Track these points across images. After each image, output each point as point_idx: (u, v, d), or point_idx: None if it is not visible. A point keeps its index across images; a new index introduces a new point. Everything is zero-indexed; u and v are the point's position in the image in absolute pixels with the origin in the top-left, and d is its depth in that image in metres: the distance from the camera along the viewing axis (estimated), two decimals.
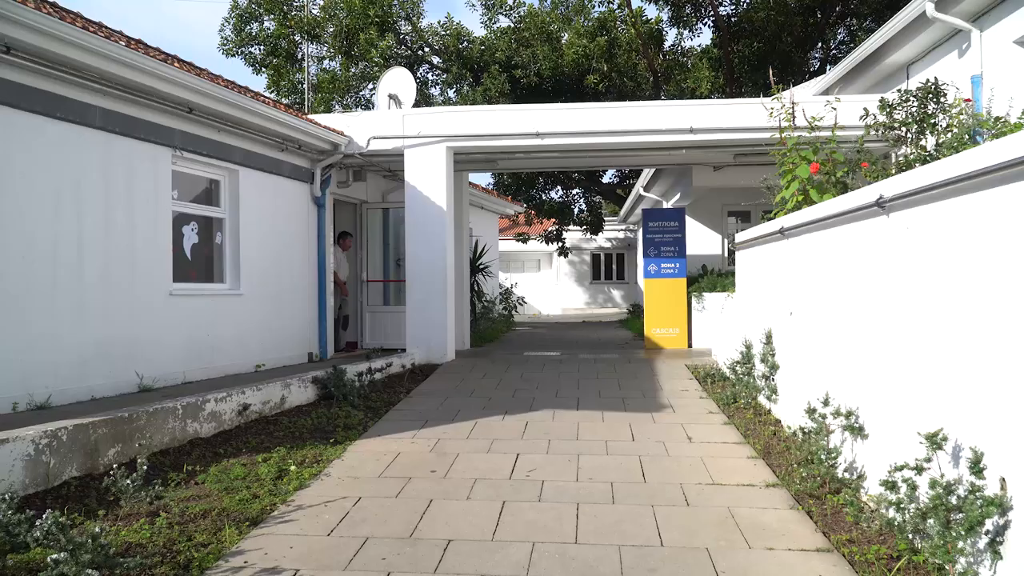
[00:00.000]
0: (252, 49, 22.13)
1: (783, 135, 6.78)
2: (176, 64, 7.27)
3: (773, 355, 6.66)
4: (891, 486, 3.55)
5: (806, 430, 5.07)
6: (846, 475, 4.66)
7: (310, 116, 10.36)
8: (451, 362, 10.15)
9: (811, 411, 4.94)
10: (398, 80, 10.96)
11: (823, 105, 6.91)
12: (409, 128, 10.13)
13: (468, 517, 4.23)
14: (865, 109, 6.25)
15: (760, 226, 7.10)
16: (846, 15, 20.40)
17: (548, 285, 30.22)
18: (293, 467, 5.12)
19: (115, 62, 6.38)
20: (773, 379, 6.65)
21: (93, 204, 6.77)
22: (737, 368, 7.63)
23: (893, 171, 5.42)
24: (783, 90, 6.94)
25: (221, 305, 8.56)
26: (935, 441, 3.37)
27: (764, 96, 9.39)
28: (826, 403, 4.82)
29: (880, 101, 6.20)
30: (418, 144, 10.11)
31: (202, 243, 8.57)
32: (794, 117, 6.65)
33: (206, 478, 4.88)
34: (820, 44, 21.76)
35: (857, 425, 4.57)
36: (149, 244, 7.41)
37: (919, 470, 3.41)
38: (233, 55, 21.81)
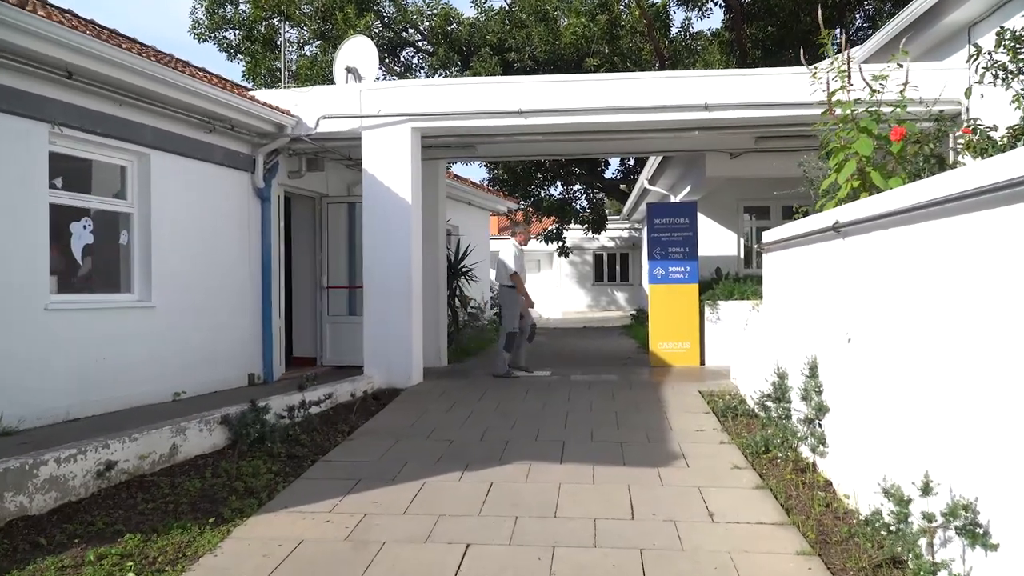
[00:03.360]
0: (227, 34, 20.58)
1: (832, 102, 5.11)
2: (41, 13, 5.63)
3: (820, 392, 4.99)
4: None
5: (892, 527, 3.40)
6: None
7: (251, 92, 8.75)
8: (416, 386, 8.49)
9: (901, 500, 3.28)
10: (358, 51, 9.31)
11: (886, 62, 5.24)
12: (368, 106, 8.48)
13: None
14: (976, 46, 4.56)
15: (800, 221, 5.44)
16: None
17: (548, 287, 28.53)
18: (131, 575, 3.48)
19: None
20: (820, 424, 4.98)
21: None
22: (768, 404, 5.97)
23: (1006, 144, 3.76)
24: (833, 43, 5.26)
25: (126, 321, 6.93)
26: None
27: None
28: (926, 490, 3.14)
29: (999, 31, 4.50)
30: (378, 124, 8.45)
31: (101, 244, 6.95)
32: (849, 76, 4.97)
33: None
34: (840, 29, 20.08)
35: (979, 529, 2.92)
36: (15, 245, 5.78)
37: None
38: (205, 40, 20.26)
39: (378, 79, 9.73)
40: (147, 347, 7.06)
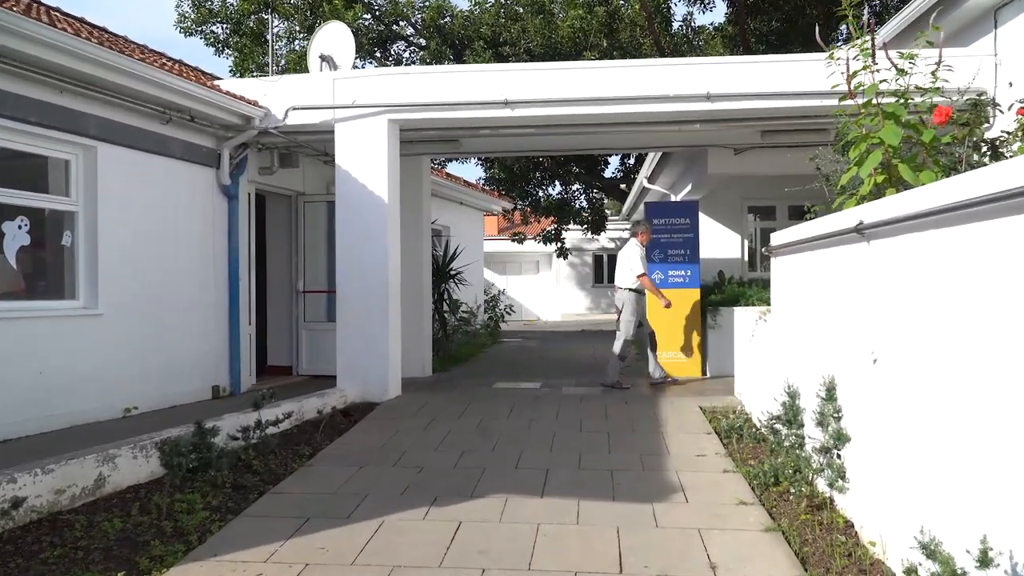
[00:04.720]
0: (214, 28, 19.93)
1: (854, 86, 4.47)
2: None
3: (838, 418, 4.33)
4: None
5: None
6: None
7: (215, 81, 8.11)
8: (394, 400, 7.83)
9: (953, 573, 2.63)
10: (334, 37, 8.66)
11: (914, 39, 4.61)
12: (341, 96, 7.83)
13: None
14: None
15: (815, 222, 4.80)
16: None
17: (547, 288, 27.90)
18: None
19: None
20: (838, 455, 4.33)
21: None
22: (777, 427, 5.31)
23: None
24: (859, 21, 4.61)
25: (69, 330, 6.30)
26: None
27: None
28: (985, 561, 2.49)
29: None
30: (352, 116, 7.80)
31: (40, 246, 6.31)
32: (874, 54, 4.33)
33: None
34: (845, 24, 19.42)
35: None
36: None
37: None
38: (192, 34, 19.60)
39: (355, 68, 9.07)
40: (93, 359, 6.43)
